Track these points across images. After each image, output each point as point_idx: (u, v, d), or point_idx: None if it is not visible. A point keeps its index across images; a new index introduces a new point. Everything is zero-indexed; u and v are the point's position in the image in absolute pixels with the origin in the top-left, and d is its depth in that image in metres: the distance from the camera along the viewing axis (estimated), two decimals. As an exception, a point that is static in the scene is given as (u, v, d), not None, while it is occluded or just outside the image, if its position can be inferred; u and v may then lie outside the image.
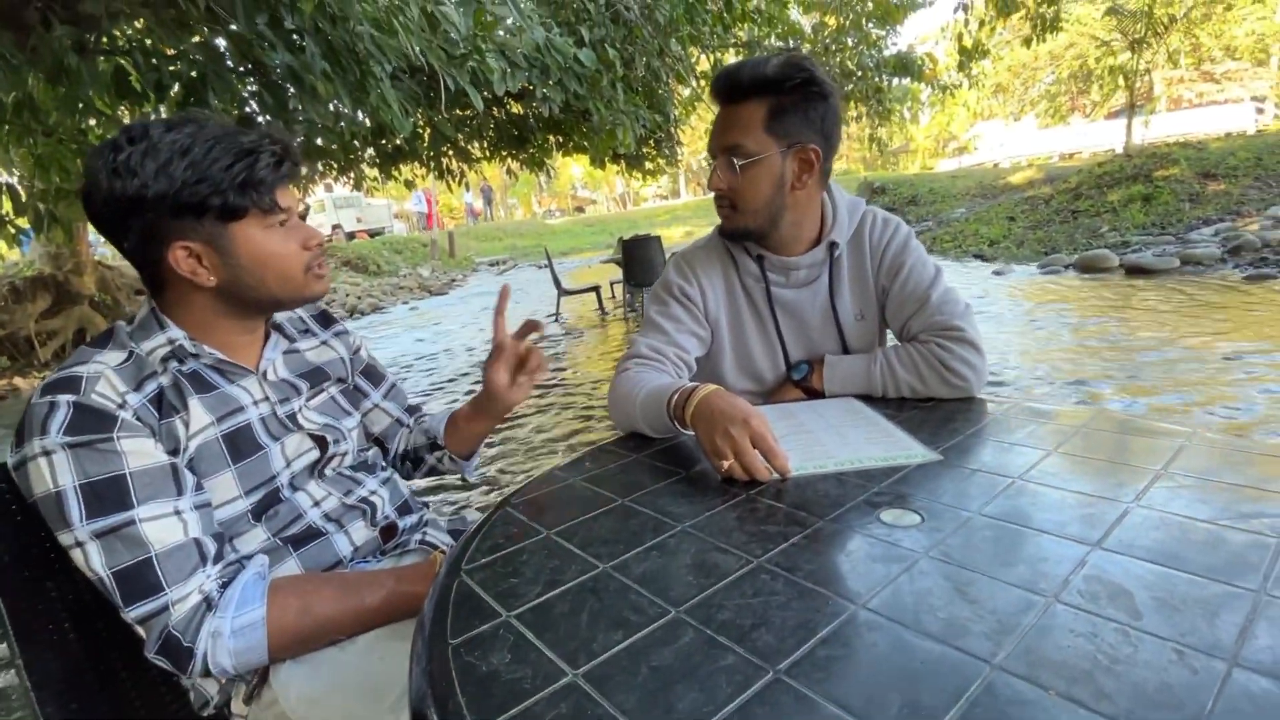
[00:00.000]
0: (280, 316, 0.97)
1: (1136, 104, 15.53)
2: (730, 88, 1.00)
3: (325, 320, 1.07)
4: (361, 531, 0.95)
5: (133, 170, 0.73)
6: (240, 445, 0.84)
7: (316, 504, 0.91)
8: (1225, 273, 5.95)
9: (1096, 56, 20.04)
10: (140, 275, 0.83)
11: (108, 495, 0.70)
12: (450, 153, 5.71)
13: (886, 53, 7.25)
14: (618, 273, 7.41)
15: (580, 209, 33.05)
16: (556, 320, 7.47)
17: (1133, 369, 3.61)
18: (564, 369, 5.27)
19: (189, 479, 0.77)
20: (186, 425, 0.79)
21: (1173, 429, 0.82)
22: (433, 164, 5.74)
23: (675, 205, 28.93)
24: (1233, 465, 0.70)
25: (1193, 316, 4.66)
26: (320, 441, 0.93)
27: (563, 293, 7.38)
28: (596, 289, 7.67)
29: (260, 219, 0.80)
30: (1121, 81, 15.25)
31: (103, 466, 0.70)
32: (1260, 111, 19.12)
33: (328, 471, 0.95)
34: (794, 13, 7.08)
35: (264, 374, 0.91)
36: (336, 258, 14.43)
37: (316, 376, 0.99)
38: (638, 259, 6.66)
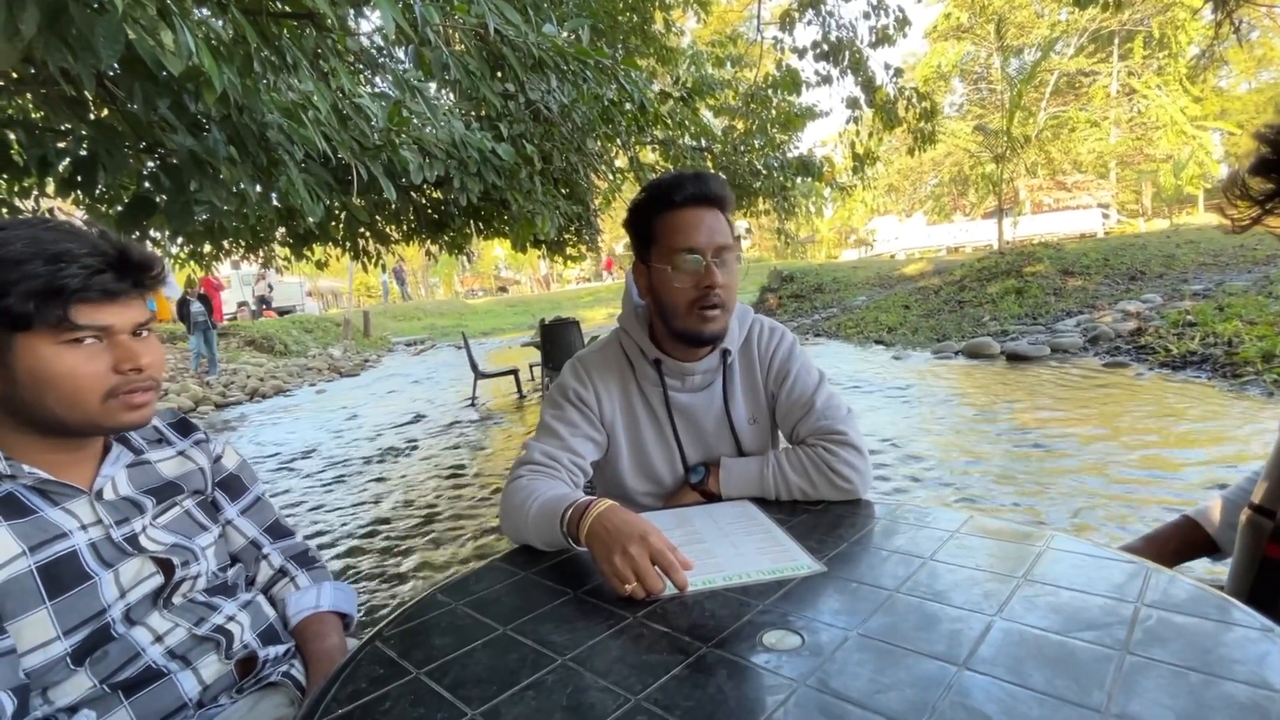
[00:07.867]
0: None
1: (1005, 207, 17.57)
2: (704, 194, 1.03)
3: (184, 428, 0.99)
4: (213, 667, 0.84)
5: None
6: (61, 577, 0.74)
7: (158, 639, 0.81)
8: (1088, 360, 6.61)
9: (970, 165, 22.71)
10: None
11: None
12: (367, 234, 5.66)
13: (790, 155, 7.89)
14: (537, 354, 7.39)
15: (503, 289, 33.11)
16: (473, 405, 7.29)
17: (1009, 456, 3.89)
18: (483, 451, 5.10)
19: None
20: None
21: (1034, 532, 0.87)
22: (347, 245, 5.65)
23: (598, 287, 29.57)
24: (1084, 571, 0.75)
25: (1063, 401, 5.11)
26: (165, 565, 0.84)
27: (479, 376, 7.25)
28: (515, 372, 7.59)
29: (50, 334, 0.72)
30: (991, 187, 17.23)
31: None
32: (1106, 216, 22.08)
33: (175, 599, 0.85)
34: (706, 115, 7.61)
35: (99, 493, 0.82)
36: (240, 337, 13.70)
37: (168, 491, 0.90)
38: (557, 342, 6.69)
